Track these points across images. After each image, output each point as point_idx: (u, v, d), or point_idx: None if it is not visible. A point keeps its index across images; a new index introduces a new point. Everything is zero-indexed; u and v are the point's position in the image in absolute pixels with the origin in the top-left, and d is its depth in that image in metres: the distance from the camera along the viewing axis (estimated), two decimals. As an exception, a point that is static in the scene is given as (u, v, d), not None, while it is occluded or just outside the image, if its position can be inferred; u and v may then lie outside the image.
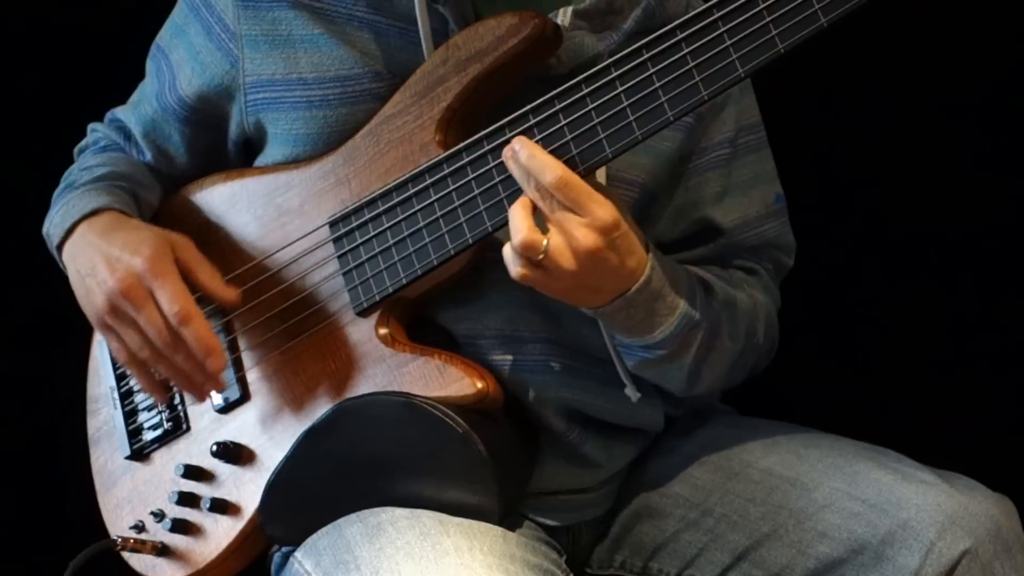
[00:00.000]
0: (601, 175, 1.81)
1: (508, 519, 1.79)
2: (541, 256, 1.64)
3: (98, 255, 1.82)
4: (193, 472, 1.88)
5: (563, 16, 1.77)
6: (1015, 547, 1.79)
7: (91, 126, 2.09)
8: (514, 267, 1.67)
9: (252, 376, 1.86)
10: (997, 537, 1.77)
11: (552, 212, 1.65)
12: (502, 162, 1.70)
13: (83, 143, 2.08)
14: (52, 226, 1.90)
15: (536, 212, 1.67)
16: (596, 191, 1.65)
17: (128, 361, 1.84)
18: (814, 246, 2.06)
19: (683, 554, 1.92)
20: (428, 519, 1.69)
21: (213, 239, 1.91)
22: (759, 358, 1.97)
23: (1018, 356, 2.50)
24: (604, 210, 1.64)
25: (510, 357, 1.82)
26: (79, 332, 1.99)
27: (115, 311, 1.80)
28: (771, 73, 1.87)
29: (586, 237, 1.64)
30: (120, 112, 2.03)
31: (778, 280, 2.02)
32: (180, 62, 1.92)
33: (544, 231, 1.65)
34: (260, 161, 1.90)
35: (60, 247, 1.88)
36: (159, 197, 1.98)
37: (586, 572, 1.97)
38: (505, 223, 1.71)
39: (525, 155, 1.66)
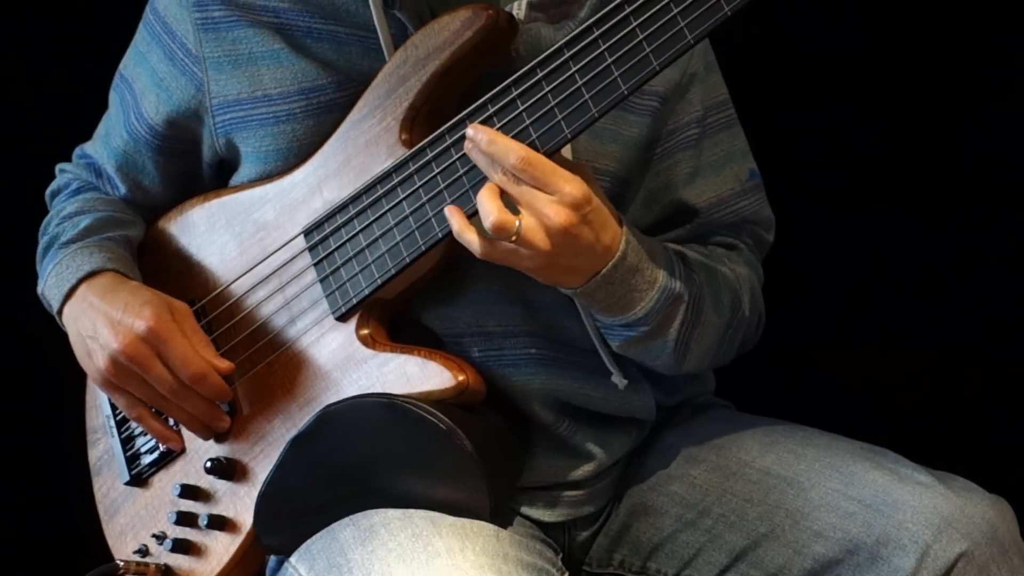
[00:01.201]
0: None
1: (501, 514, 1.79)
2: (514, 238, 1.65)
3: (100, 317, 1.85)
4: (190, 491, 1.89)
5: (518, 8, 1.79)
6: (1011, 550, 1.78)
7: (59, 167, 2.10)
8: (483, 250, 1.67)
9: (240, 391, 1.88)
10: (993, 540, 1.76)
11: (521, 194, 1.65)
12: (465, 155, 1.72)
13: (54, 186, 2.09)
14: (47, 288, 1.93)
15: (505, 197, 1.67)
16: (563, 167, 1.66)
17: (137, 417, 1.89)
18: (814, 245, 2.06)
19: (681, 554, 1.91)
20: (421, 520, 1.69)
21: (195, 261, 1.93)
22: (747, 334, 1.96)
23: (1018, 356, 2.49)
24: (573, 185, 1.65)
25: (494, 352, 1.83)
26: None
27: (120, 372, 1.84)
28: (748, 53, 1.89)
29: (558, 214, 1.64)
30: (89, 148, 2.05)
31: (761, 256, 2.02)
32: (144, 90, 1.94)
33: (515, 214, 1.66)
34: (235, 180, 1.92)
35: (60, 311, 1.91)
36: (143, 228, 2.00)
37: (584, 571, 1.97)
38: (473, 213, 1.72)
39: (484, 141, 1.67)
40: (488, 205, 1.65)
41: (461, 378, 1.75)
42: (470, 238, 1.68)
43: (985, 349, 2.49)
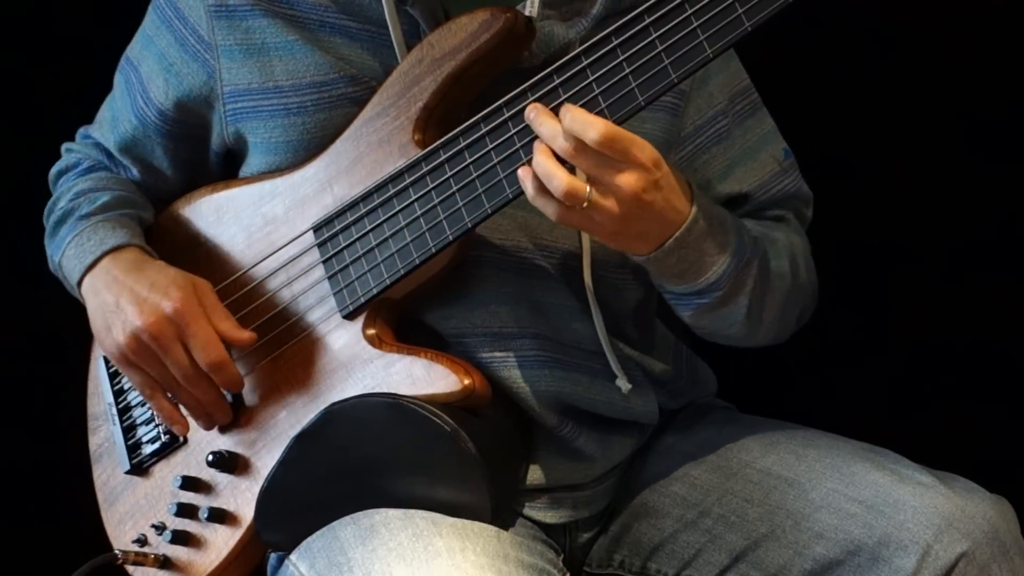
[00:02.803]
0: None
1: (502, 516, 1.78)
2: (585, 204, 1.63)
3: (125, 292, 1.84)
4: (191, 483, 1.88)
5: (531, 6, 1.77)
6: (1013, 550, 1.78)
7: (65, 146, 2.08)
8: (552, 210, 1.65)
9: (244, 385, 1.86)
10: (994, 540, 1.76)
11: (591, 165, 1.63)
12: (479, 158, 1.71)
13: (61, 165, 2.06)
14: (66, 259, 1.91)
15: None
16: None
17: (150, 396, 1.87)
18: (813, 246, 2.05)
19: (681, 555, 1.91)
20: (421, 520, 1.69)
21: (203, 252, 1.92)
22: (806, 303, 1.96)
23: (1018, 356, 2.48)
24: (645, 152, 1.63)
25: (499, 354, 1.82)
26: (82, 349, 2.00)
27: (140, 348, 1.83)
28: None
29: (628, 182, 1.62)
30: (95, 131, 2.04)
31: (802, 230, 2.01)
32: (151, 74, 1.93)
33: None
34: (243, 171, 1.91)
35: (80, 281, 1.90)
36: (153, 214, 1.99)
37: (584, 571, 1.96)
38: (484, 218, 1.73)
39: (568, 119, 1.63)
40: (552, 169, 1.63)
41: (467, 382, 1.74)
42: (545, 202, 1.65)
43: (985, 349, 2.49)
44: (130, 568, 1.93)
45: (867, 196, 2.48)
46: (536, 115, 1.66)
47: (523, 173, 1.67)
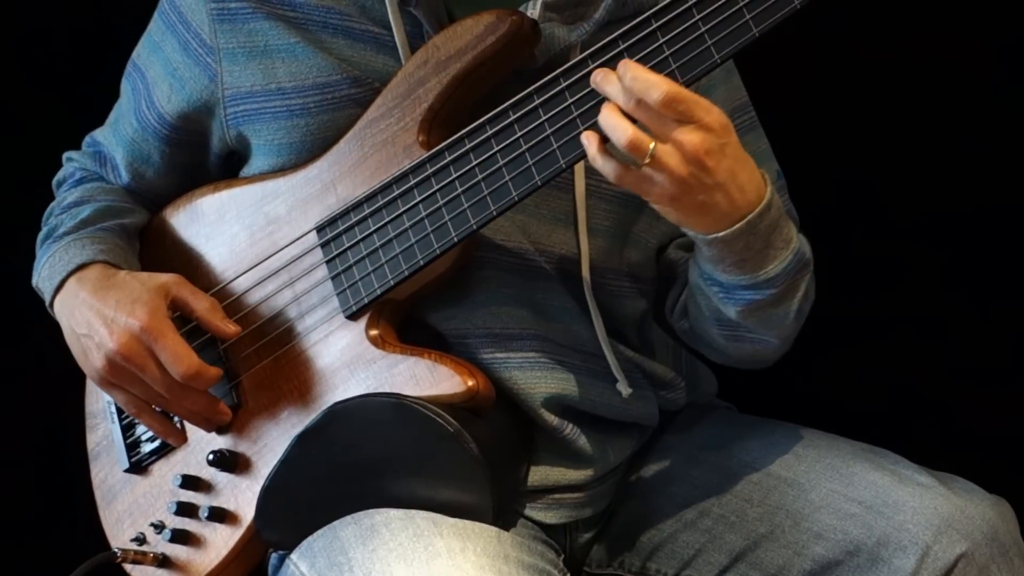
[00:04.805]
0: (580, 183, 1.82)
1: (503, 517, 1.78)
2: (648, 160, 1.60)
3: (93, 314, 1.83)
4: (191, 482, 1.88)
5: (533, 8, 1.77)
6: (1012, 551, 1.78)
7: (66, 155, 2.08)
8: (611, 169, 1.62)
9: (246, 384, 1.86)
10: (994, 540, 1.77)
11: (653, 118, 1.60)
12: (484, 160, 1.71)
13: (60, 175, 2.08)
14: (41, 280, 1.92)
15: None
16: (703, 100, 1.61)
17: (137, 414, 1.87)
18: (812, 247, 2.05)
19: (681, 555, 1.91)
20: (422, 520, 1.68)
21: (203, 251, 1.92)
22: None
23: (1018, 356, 2.49)
24: (712, 115, 1.60)
25: (500, 354, 1.82)
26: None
27: (117, 370, 1.82)
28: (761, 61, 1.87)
29: (691, 140, 1.59)
30: (99, 135, 2.04)
31: None
32: (156, 79, 1.93)
33: None
34: (245, 173, 1.91)
35: (52, 303, 1.90)
36: (145, 215, 1.99)
37: (584, 571, 1.97)
38: (489, 220, 1.73)
39: (629, 77, 1.60)
40: (616, 121, 1.60)
41: (471, 383, 1.74)
42: (605, 162, 1.63)
43: (985, 349, 2.49)
44: (129, 567, 1.92)
45: (866, 198, 2.49)
46: (603, 77, 1.62)
47: (587, 135, 1.64)
